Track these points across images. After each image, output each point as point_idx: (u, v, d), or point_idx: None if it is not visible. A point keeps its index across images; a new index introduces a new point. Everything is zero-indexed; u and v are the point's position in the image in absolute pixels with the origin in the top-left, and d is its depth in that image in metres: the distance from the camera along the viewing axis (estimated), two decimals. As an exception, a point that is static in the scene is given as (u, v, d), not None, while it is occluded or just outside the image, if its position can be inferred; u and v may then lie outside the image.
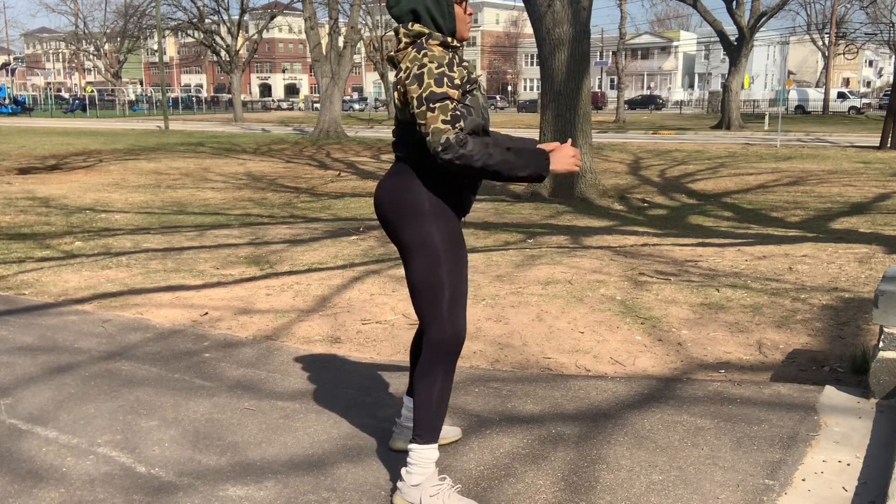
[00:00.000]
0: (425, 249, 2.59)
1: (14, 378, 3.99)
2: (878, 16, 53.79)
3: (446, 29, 2.58)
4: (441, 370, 2.64)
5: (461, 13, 2.60)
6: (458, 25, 2.59)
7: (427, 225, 2.58)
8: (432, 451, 2.66)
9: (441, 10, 2.56)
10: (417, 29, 2.54)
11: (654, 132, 32.30)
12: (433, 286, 2.61)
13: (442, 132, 2.41)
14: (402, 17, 2.58)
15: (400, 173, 2.63)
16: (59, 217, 9.79)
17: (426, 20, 2.55)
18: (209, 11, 45.89)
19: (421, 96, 2.43)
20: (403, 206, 2.59)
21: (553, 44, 10.97)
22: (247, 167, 17.09)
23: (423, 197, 2.57)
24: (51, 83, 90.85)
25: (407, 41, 2.55)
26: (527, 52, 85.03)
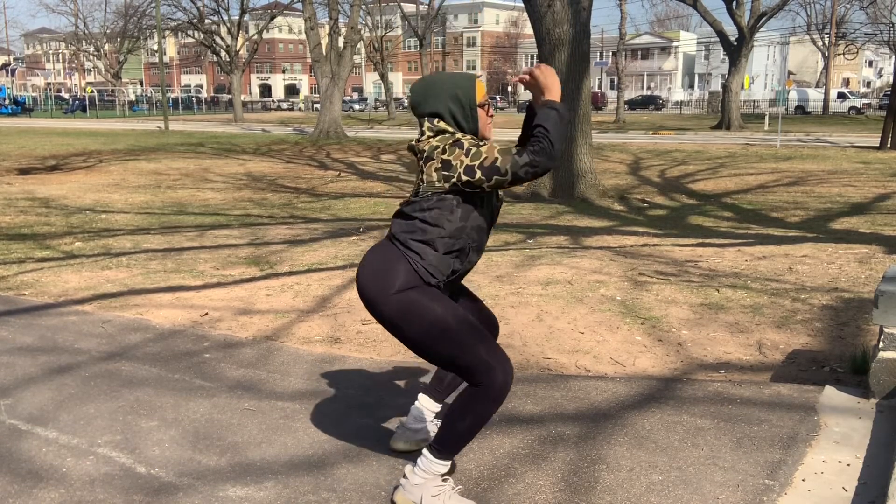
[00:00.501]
0: (407, 309, 2.58)
1: (14, 378, 3.99)
2: (878, 16, 53.81)
3: (468, 130, 2.68)
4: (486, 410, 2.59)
5: (483, 115, 2.70)
6: (481, 127, 2.70)
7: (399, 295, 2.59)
8: (443, 467, 2.67)
9: (465, 114, 2.66)
10: (442, 126, 2.64)
11: (654, 132, 32.31)
12: (442, 332, 2.58)
13: (506, 149, 2.53)
14: (426, 116, 2.67)
15: (380, 255, 2.66)
16: (59, 217, 9.79)
17: (449, 121, 2.65)
18: (209, 12, 45.92)
19: (469, 149, 2.54)
20: (377, 284, 2.61)
21: (553, 44, 10.97)
22: (247, 167, 17.09)
23: (396, 277, 2.60)
24: (51, 83, 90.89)
25: (430, 135, 2.65)
26: (527, 52, 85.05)
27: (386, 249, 2.67)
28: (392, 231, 2.70)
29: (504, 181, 2.53)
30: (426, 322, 2.57)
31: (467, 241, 2.66)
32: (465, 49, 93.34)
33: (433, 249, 2.61)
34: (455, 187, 2.57)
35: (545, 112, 2.57)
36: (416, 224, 2.62)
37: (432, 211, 2.60)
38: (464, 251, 2.67)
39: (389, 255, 2.64)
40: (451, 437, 2.62)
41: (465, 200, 2.61)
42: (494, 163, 2.51)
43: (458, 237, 2.63)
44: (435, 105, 2.64)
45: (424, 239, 2.61)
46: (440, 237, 2.61)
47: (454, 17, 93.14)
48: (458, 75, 2.67)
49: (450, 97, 2.63)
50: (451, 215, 2.60)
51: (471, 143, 2.56)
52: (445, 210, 2.60)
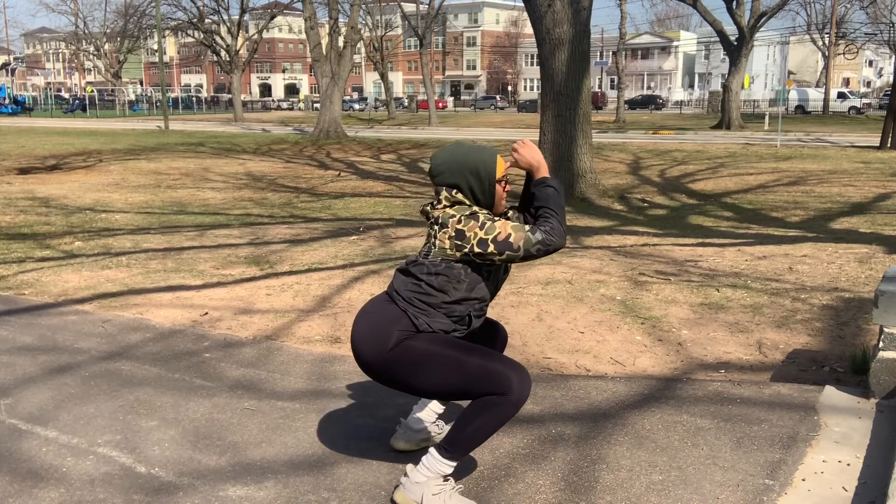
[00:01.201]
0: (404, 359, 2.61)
1: (14, 378, 3.99)
2: (878, 16, 53.78)
3: (484, 204, 2.72)
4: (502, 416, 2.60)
5: (500, 191, 2.74)
6: (496, 202, 2.74)
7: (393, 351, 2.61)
8: (449, 468, 2.67)
9: (483, 189, 2.70)
10: (459, 198, 2.68)
11: (654, 132, 32.31)
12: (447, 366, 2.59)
13: (518, 226, 2.58)
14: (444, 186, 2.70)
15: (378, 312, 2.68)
16: (59, 217, 9.79)
17: (467, 194, 2.69)
18: (209, 11, 45.91)
19: (483, 223, 2.58)
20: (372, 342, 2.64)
21: (553, 44, 10.97)
22: (247, 167, 17.09)
23: (392, 334, 2.62)
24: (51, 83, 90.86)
25: (446, 203, 2.69)
26: (527, 52, 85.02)
27: (383, 309, 2.69)
28: (395, 286, 2.72)
29: (516, 257, 2.58)
30: (427, 365, 2.60)
31: (469, 310, 2.70)
32: (465, 49, 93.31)
33: (434, 310, 2.66)
34: (466, 257, 2.61)
35: (543, 192, 2.67)
36: (422, 286, 2.66)
37: (439, 277, 2.64)
38: (464, 319, 2.71)
39: (389, 315, 2.67)
40: (462, 438, 2.62)
41: (473, 270, 2.65)
42: (507, 238, 2.56)
43: (461, 304, 2.67)
44: (455, 177, 2.68)
45: (428, 301, 2.65)
46: (444, 302, 2.65)
47: (454, 16, 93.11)
48: (481, 150, 2.71)
49: (470, 171, 2.67)
50: (457, 284, 2.64)
51: (486, 216, 2.61)
52: (453, 279, 2.64)
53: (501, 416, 2.59)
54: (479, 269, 2.67)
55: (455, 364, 2.59)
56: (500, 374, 2.57)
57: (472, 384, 2.59)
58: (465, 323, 2.72)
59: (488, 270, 2.69)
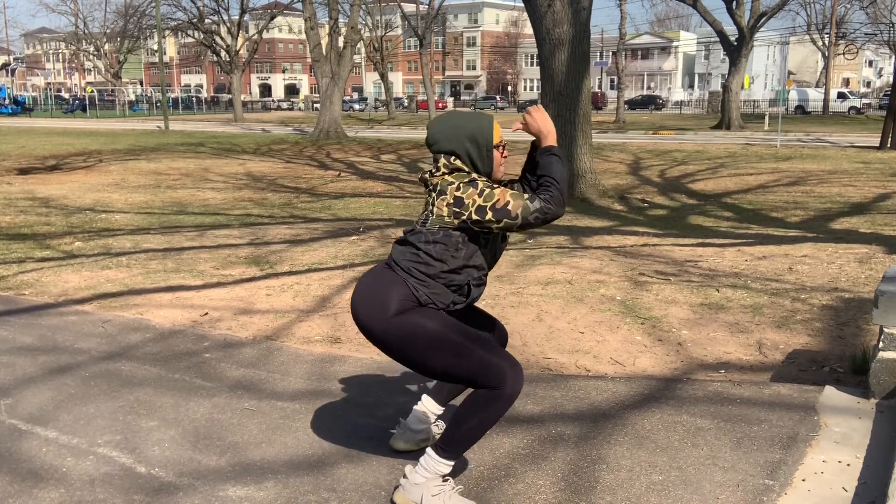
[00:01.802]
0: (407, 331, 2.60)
1: (14, 378, 3.99)
2: (878, 16, 53.79)
3: (482, 171, 2.71)
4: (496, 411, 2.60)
5: (498, 157, 2.73)
6: (495, 168, 2.73)
7: (396, 318, 2.60)
8: (447, 467, 2.67)
9: (481, 155, 2.69)
10: (458, 164, 2.68)
11: (654, 132, 32.31)
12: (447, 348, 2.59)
13: (518, 195, 2.56)
14: (441, 153, 2.69)
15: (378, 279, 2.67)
16: (59, 217, 9.79)
17: (465, 161, 2.68)
18: (209, 11, 45.90)
19: (482, 190, 2.58)
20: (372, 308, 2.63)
21: (553, 44, 10.97)
22: (247, 167, 17.09)
23: (392, 301, 2.61)
24: (51, 83, 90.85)
25: (445, 171, 2.68)
26: (527, 52, 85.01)
27: (384, 274, 2.69)
28: (393, 257, 2.72)
29: (513, 225, 2.57)
30: (428, 341, 2.59)
31: (468, 279, 2.69)
32: (465, 49, 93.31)
33: (434, 281, 2.65)
34: (464, 224, 2.60)
35: (547, 160, 2.65)
36: (420, 255, 2.65)
37: (437, 245, 2.63)
38: (464, 287, 2.70)
39: (387, 279, 2.66)
40: (458, 436, 2.62)
41: (470, 239, 2.64)
42: (506, 206, 2.55)
43: (460, 273, 2.67)
44: (452, 145, 2.67)
45: (427, 271, 2.64)
46: (442, 272, 2.64)
47: (454, 16, 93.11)
48: (477, 116, 2.70)
49: (467, 138, 2.66)
50: (455, 252, 2.63)
51: (485, 184, 2.60)
52: (451, 246, 2.63)
53: (495, 412, 2.59)
54: (477, 238, 2.65)
55: (454, 348, 2.58)
56: (496, 366, 2.57)
57: (466, 370, 2.58)
58: (464, 293, 2.71)
59: (486, 238, 2.68)
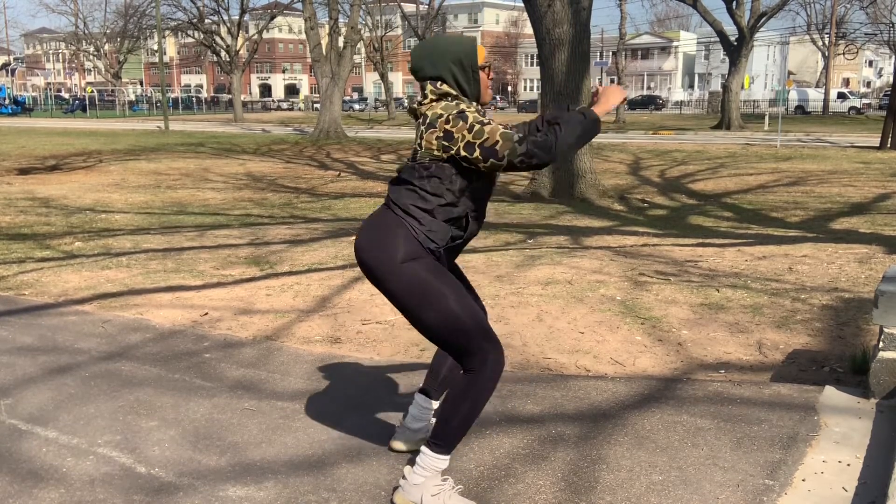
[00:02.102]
0: (412, 284, 2.57)
1: (14, 378, 3.99)
2: (878, 16, 53.79)
3: (470, 94, 2.68)
4: (480, 395, 2.60)
5: (484, 79, 2.70)
6: (482, 90, 2.70)
7: (404, 267, 2.58)
8: (443, 462, 2.67)
9: (467, 77, 2.66)
10: (445, 89, 2.64)
11: (654, 132, 32.31)
12: (444, 313, 2.57)
13: (508, 134, 2.51)
14: (427, 80, 2.66)
15: (379, 222, 2.65)
16: (59, 217, 9.79)
17: (452, 84, 2.65)
18: (209, 11, 45.90)
19: (472, 125, 2.53)
20: (378, 253, 2.60)
21: (553, 44, 10.97)
22: (247, 167, 17.09)
23: (398, 245, 2.58)
24: (51, 83, 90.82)
25: (433, 98, 2.64)
26: (527, 52, 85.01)
27: (384, 216, 2.65)
28: (390, 197, 2.68)
29: (499, 166, 2.53)
30: (430, 300, 2.56)
31: (465, 210, 2.65)
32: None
33: (431, 217, 2.61)
34: (452, 158, 2.57)
35: (573, 114, 2.59)
36: (416, 190, 2.61)
37: (431, 179, 2.59)
38: (461, 219, 2.67)
39: (389, 222, 2.62)
40: (448, 429, 2.62)
41: (463, 170, 2.60)
42: (494, 146, 2.50)
43: (457, 205, 2.63)
44: (438, 68, 2.63)
45: (424, 206, 2.60)
46: (439, 205, 2.60)
47: (454, 17, 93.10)
48: (460, 38, 2.67)
49: (452, 60, 2.63)
50: (450, 184, 2.60)
51: (475, 118, 2.54)
52: (445, 179, 2.59)
53: (480, 398, 2.59)
54: (470, 169, 2.61)
55: (451, 315, 2.56)
56: (479, 346, 2.57)
57: (454, 340, 2.58)
58: (462, 227, 2.68)
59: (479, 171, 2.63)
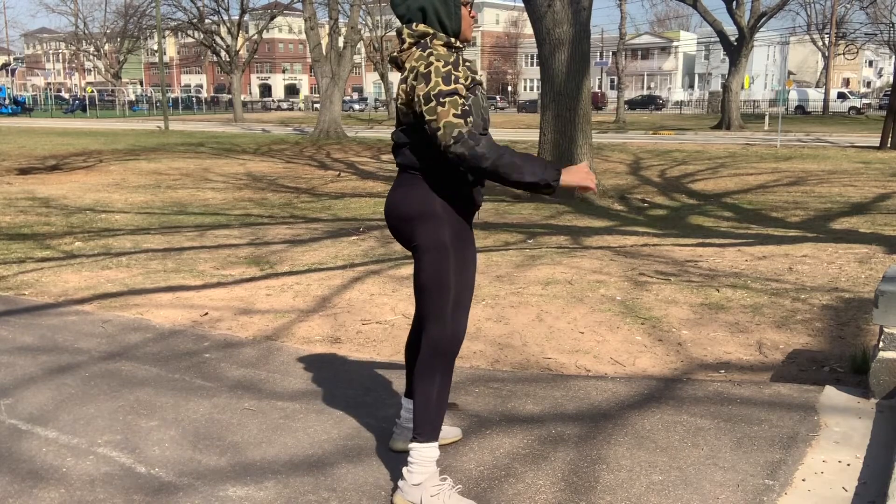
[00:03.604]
0: (436, 250, 2.60)
1: (14, 378, 3.99)
2: (878, 16, 53.80)
3: (451, 30, 2.59)
4: (440, 369, 2.65)
5: (466, 15, 2.63)
6: (464, 26, 2.62)
7: (439, 226, 2.59)
8: (433, 450, 2.66)
9: (448, 11, 2.57)
10: (422, 29, 2.55)
11: (654, 132, 32.30)
12: (439, 286, 2.62)
13: (454, 125, 2.41)
14: (407, 16, 2.59)
15: (406, 183, 2.64)
16: (60, 217, 9.79)
17: (432, 20, 2.57)
18: (209, 12, 45.90)
19: (429, 93, 2.44)
20: (414, 210, 2.60)
21: (553, 44, 10.97)
22: (247, 167, 17.09)
23: (433, 199, 2.59)
24: (51, 83, 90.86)
25: (411, 41, 2.56)
26: (527, 52, 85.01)
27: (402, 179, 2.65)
28: (398, 161, 2.67)
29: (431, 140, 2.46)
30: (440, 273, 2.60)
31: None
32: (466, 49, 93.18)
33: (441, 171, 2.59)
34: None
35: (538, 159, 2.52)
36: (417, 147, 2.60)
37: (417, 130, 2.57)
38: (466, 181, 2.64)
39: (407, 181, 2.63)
40: (424, 416, 2.64)
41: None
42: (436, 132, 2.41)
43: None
44: (418, 1, 2.55)
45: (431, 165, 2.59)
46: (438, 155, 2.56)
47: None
48: None
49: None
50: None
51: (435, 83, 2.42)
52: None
53: (443, 370, 2.64)
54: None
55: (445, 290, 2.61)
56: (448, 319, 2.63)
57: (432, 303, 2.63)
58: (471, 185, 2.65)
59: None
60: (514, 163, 2.46)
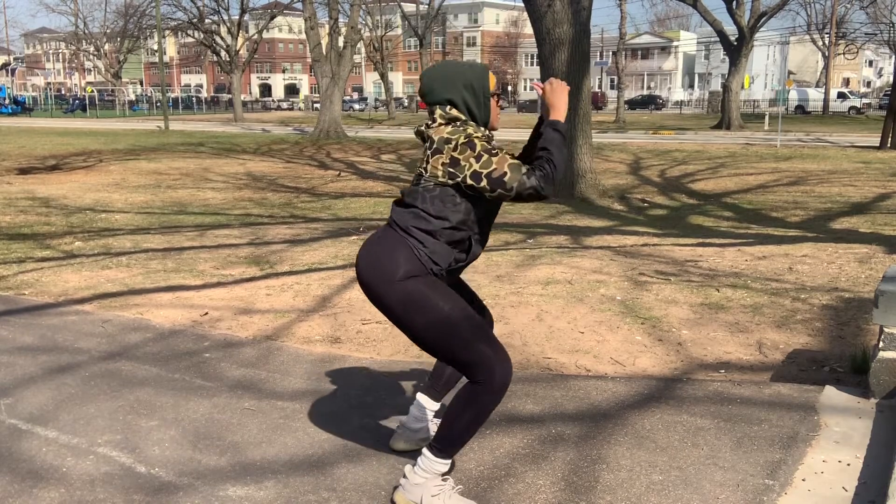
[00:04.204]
0: (411, 300, 2.56)
1: (14, 378, 3.99)
2: (878, 16, 53.78)
3: (481, 120, 2.68)
4: (485, 406, 2.58)
5: (495, 105, 2.70)
6: (492, 117, 2.70)
7: (403, 283, 2.57)
8: (444, 466, 2.66)
9: (477, 102, 2.65)
10: (455, 114, 2.63)
11: (654, 132, 32.31)
12: (445, 327, 2.56)
13: (516, 166, 2.52)
14: (436, 104, 2.66)
15: (381, 240, 2.64)
16: (60, 217, 9.79)
17: (462, 109, 2.65)
18: (209, 11, 45.90)
19: (480, 154, 2.53)
20: (378, 270, 2.59)
21: (553, 44, 10.97)
22: (247, 167, 17.09)
23: (399, 264, 2.57)
24: (51, 83, 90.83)
25: (441, 122, 2.63)
26: (527, 52, 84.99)
27: (386, 235, 2.64)
28: (393, 217, 2.68)
29: (507, 196, 2.54)
30: (430, 315, 2.55)
31: (469, 233, 2.65)
32: (465, 49, 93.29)
33: (434, 238, 2.60)
34: (457, 185, 2.57)
35: (550, 134, 2.61)
36: (419, 213, 2.60)
37: (435, 202, 2.59)
38: (465, 242, 2.66)
39: (390, 241, 2.62)
40: (451, 434, 2.61)
41: (469, 194, 2.60)
42: (502, 177, 2.51)
43: (461, 229, 2.62)
44: (448, 92, 2.62)
45: (427, 228, 2.59)
46: (443, 228, 2.59)
47: (454, 16, 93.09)
48: (472, 64, 2.67)
49: (464, 85, 2.62)
50: (454, 207, 2.59)
51: (483, 146, 2.54)
52: (448, 202, 2.58)
53: (484, 409, 2.57)
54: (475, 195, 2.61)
55: (453, 329, 2.55)
56: (486, 360, 2.55)
57: (457, 355, 2.56)
58: (465, 249, 2.67)
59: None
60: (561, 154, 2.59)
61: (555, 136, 2.60)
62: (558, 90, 2.68)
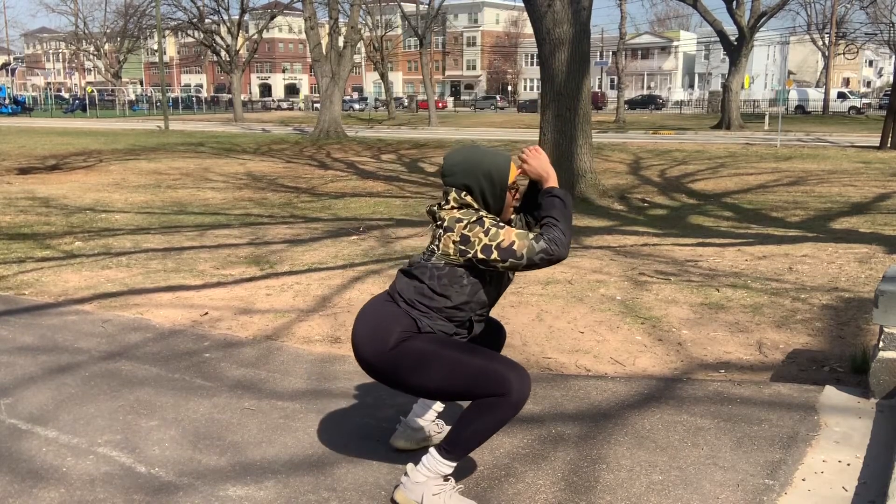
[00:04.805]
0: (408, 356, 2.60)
1: (14, 378, 3.99)
2: (878, 16, 53.76)
3: (493, 209, 2.71)
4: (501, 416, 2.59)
5: (510, 198, 2.73)
6: (505, 208, 2.74)
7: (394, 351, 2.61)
8: (448, 468, 2.67)
9: (494, 193, 2.69)
10: (468, 200, 2.67)
11: (655, 132, 32.31)
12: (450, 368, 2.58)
13: (524, 235, 2.56)
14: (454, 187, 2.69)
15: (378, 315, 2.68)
16: (60, 217, 9.79)
17: (478, 197, 2.69)
18: (209, 11, 45.90)
19: (488, 229, 2.57)
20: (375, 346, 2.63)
21: (553, 44, 10.97)
22: (247, 167, 17.09)
23: (394, 332, 2.62)
24: (51, 83, 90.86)
25: (455, 206, 2.67)
26: (527, 52, 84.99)
27: (385, 308, 2.69)
28: (397, 288, 2.72)
29: (519, 265, 2.57)
30: (415, 361, 2.60)
31: (470, 314, 2.70)
32: (465, 49, 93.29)
33: (436, 314, 2.65)
34: (469, 262, 2.61)
35: (549, 201, 2.66)
36: (424, 289, 2.65)
37: (441, 280, 2.63)
38: (465, 323, 2.71)
39: (389, 313, 2.67)
40: (462, 439, 2.62)
41: (475, 275, 2.64)
42: (511, 246, 2.55)
43: (463, 310, 2.67)
44: (468, 179, 2.67)
45: (430, 304, 2.65)
46: (446, 307, 2.65)
47: (454, 16, 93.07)
48: (496, 154, 2.70)
49: (483, 175, 2.66)
50: (460, 288, 2.64)
51: (491, 222, 2.60)
52: (455, 283, 2.63)
53: (501, 418, 2.58)
54: (482, 275, 2.66)
55: (454, 365, 2.58)
56: (500, 375, 2.56)
57: (471, 385, 2.58)
58: (466, 327, 2.72)
59: (491, 276, 2.68)
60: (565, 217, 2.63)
61: (555, 201, 2.66)
62: (539, 159, 2.74)
